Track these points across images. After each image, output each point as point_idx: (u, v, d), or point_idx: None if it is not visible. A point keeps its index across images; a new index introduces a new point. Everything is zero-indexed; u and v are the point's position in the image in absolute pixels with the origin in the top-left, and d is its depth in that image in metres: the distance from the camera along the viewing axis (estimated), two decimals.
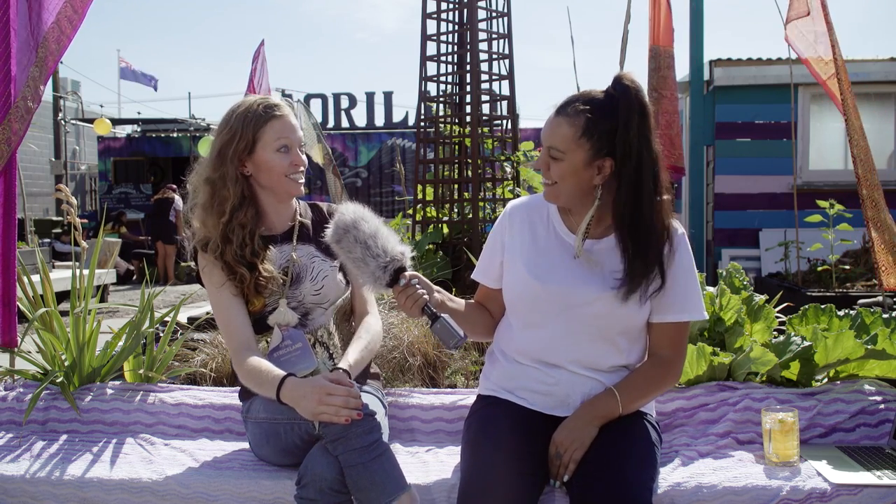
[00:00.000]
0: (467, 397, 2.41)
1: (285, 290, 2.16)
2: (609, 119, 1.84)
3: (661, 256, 1.90)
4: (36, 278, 2.94)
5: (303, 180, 2.20)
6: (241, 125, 2.13)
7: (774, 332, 2.61)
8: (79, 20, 2.59)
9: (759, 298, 2.61)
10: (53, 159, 18.42)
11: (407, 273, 1.87)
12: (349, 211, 1.89)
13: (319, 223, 2.23)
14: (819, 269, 6.06)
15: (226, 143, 2.13)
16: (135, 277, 12.78)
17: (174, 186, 13.07)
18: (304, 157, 2.20)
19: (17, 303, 2.68)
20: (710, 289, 2.64)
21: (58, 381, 2.57)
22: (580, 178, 1.89)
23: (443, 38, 4.74)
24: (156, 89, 19.94)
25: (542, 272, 1.97)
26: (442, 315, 1.85)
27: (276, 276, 2.14)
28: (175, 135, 19.10)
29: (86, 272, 2.91)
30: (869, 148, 3.06)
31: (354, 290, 2.26)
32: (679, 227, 1.98)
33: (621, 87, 1.86)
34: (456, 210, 4.84)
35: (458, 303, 2.07)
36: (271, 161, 2.14)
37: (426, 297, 1.87)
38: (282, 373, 1.95)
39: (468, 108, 4.70)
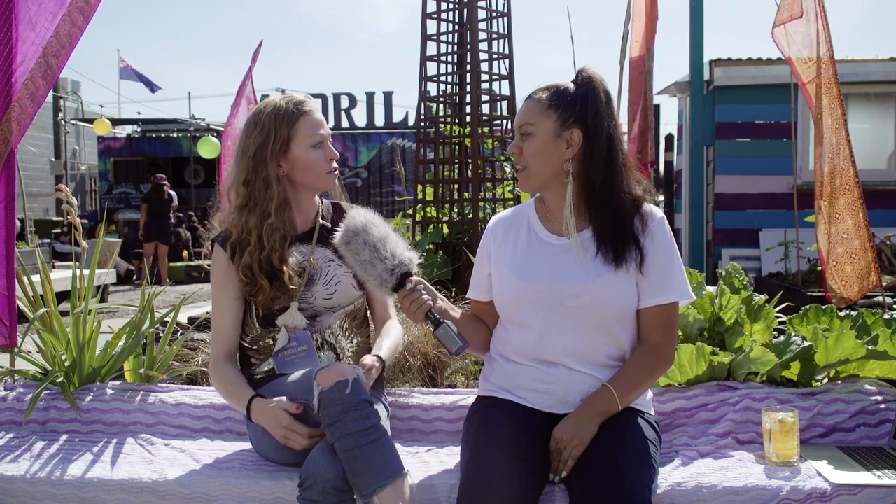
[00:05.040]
0: (467, 397, 2.41)
1: (299, 292, 2.17)
2: (575, 97, 1.97)
3: (632, 224, 1.97)
4: (36, 278, 2.93)
5: (336, 174, 2.23)
6: (274, 124, 2.14)
7: (774, 332, 2.61)
8: (79, 32, 2.58)
9: (759, 298, 2.61)
10: (53, 159, 18.42)
11: (413, 278, 1.89)
12: (360, 215, 1.93)
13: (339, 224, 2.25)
14: (819, 269, 6.05)
15: (261, 144, 2.14)
16: (135, 278, 12.77)
17: (164, 177, 12.83)
18: (334, 150, 2.24)
19: (18, 303, 2.68)
20: (710, 289, 2.64)
21: (58, 381, 2.57)
22: (550, 154, 1.96)
23: (443, 38, 4.74)
24: (153, 91, 19.95)
25: (526, 272, 2.00)
26: (445, 321, 1.88)
27: (296, 286, 2.16)
28: (175, 135, 19.12)
29: (86, 272, 2.91)
30: (843, 151, 3.07)
31: (374, 297, 2.28)
32: (658, 211, 2.02)
33: (586, 76, 1.99)
34: (456, 210, 4.84)
35: (458, 313, 2.10)
36: (308, 157, 2.16)
37: (430, 302, 1.89)
38: (249, 393, 2.06)
39: (468, 108, 4.70)
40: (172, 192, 12.83)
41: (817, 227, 3.16)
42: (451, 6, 4.69)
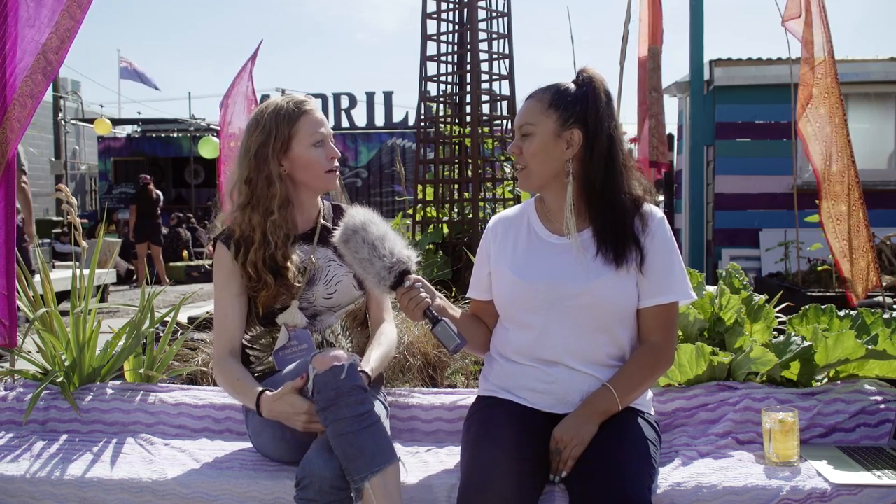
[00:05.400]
0: (467, 397, 2.41)
1: (300, 291, 2.17)
2: (575, 97, 1.97)
3: (633, 224, 1.97)
4: (36, 278, 2.93)
5: (337, 174, 2.23)
6: (275, 123, 2.16)
7: (774, 332, 2.61)
8: (77, 24, 2.58)
9: (759, 298, 2.61)
10: (53, 159, 18.42)
11: (411, 276, 1.89)
12: (359, 213, 1.94)
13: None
14: (819, 269, 6.05)
15: (262, 143, 2.16)
16: (135, 278, 12.76)
17: (148, 178, 12.76)
18: (336, 149, 2.24)
19: (18, 303, 2.68)
20: (710, 289, 2.64)
21: (58, 381, 2.57)
22: (550, 154, 1.96)
23: (443, 38, 4.74)
24: (157, 88, 20.02)
25: (525, 271, 2.00)
26: (443, 319, 1.88)
27: (300, 284, 2.16)
28: (175, 135, 19.14)
29: (86, 272, 2.91)
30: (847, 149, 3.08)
31: (370, 297, 2.28)
32: (658, 211, 2.03)
33: (586, 76, 1.99)
34: (456, 210, 4.84)
35: (457, 312, 2.10)
36: (308, 156, 2.17)
37: (428, 300, 1.89)
38: (256, 388, 2.03)
39: (468, 108, 4.70)
40: (159, 192, 12.77)
41: (825, 226, 3.16)
42: (451, 6, 4.69)
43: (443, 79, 4.82)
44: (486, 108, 4.81)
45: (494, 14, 4.71)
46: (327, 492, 1.81)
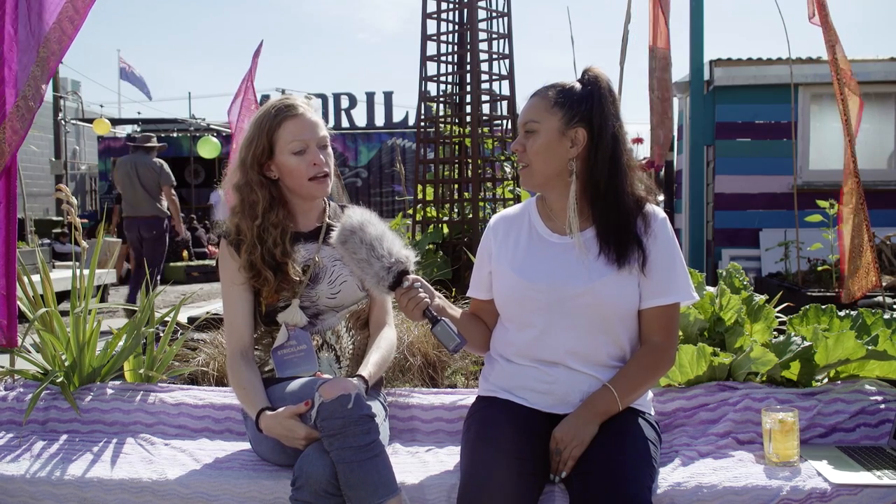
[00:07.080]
0: (467, 397, 2.41)
1: (301, 289, 2.17)
2: (580, 95, 1.96)
3: (635, 224, 1.97)
4: (36, 278, 2.93)
5: (328, 181, 2.19)
6: (256, 131, 2.16)
7: (775, 333, 2.61)
8: (80, 20, 2.59)
9: (760, 298, 2.61)
10: (53, 159, 18.41)
11: (410, 276, 1.89)
12: (356, 214, 1.93)
13: None
14: (819, 269, 6.05)
15: (245, 150, 2.17)
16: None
17: None
18: (323, 156, 2.17)
19: (18, 303, 2.68)
20: (710, 289, 2.64)
21: (58, 381, 2.57)
22: (554, 152, 1.96)
23: (443, 38, 4.74)
24: (149, 98, 20.05)
25: (527, 271, 2.00)
26: (443, 318, 1.87)
27: (300, 279, 2.16)
28: (175, 135, 19.11)
29: (86, 272, 2.91)
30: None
31: (373, 299, 2.28)
32: (660, 212, 2.02)
33: (592, 76, 1.99)
34: (456, 210, 4.84)
35: (457, 311, 2.10)
36: (289, 164, 2.15)
37: (427, 300, 1.89)
38: (261, 403, 2.03)
39: (468, 108, 4.70)
40: None
41: (843, 226, 3.17)
42: (451, 6, 4.70)
43: (443, 79, 4.82)
44: (486, 108, 4.82)
45: (494, 14, 4.71)
46: (321, 495, 1.81)
